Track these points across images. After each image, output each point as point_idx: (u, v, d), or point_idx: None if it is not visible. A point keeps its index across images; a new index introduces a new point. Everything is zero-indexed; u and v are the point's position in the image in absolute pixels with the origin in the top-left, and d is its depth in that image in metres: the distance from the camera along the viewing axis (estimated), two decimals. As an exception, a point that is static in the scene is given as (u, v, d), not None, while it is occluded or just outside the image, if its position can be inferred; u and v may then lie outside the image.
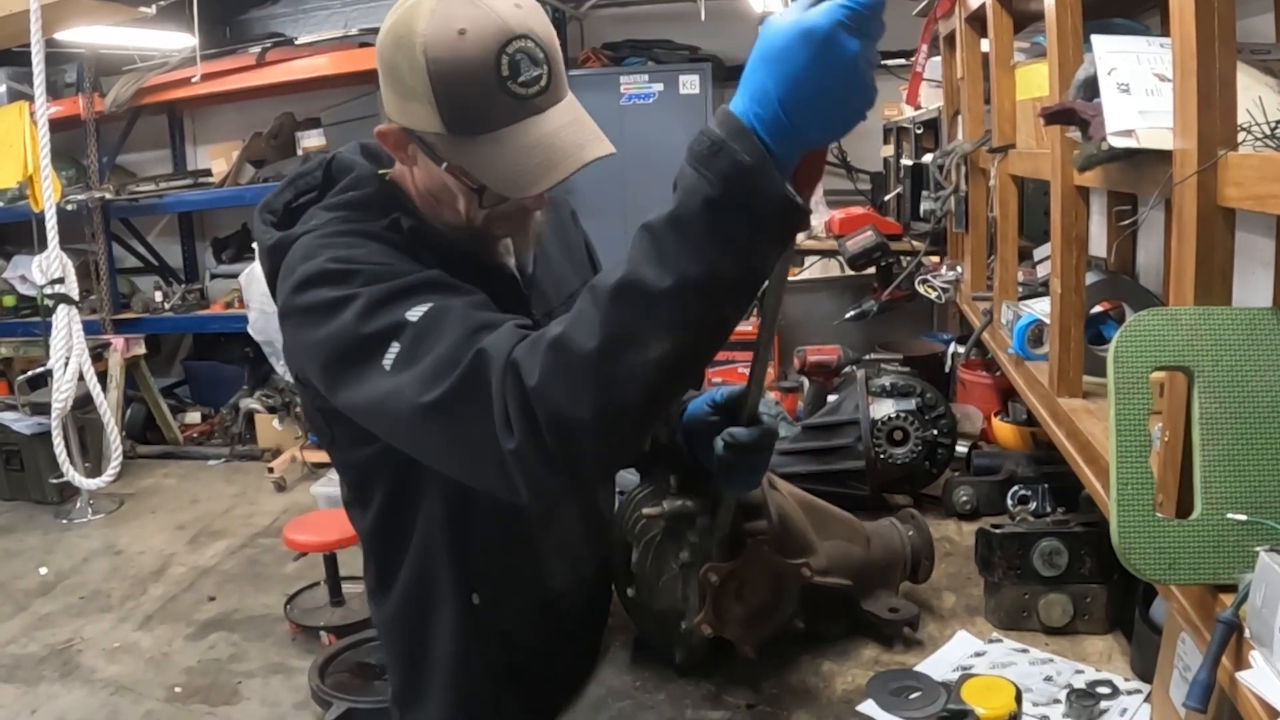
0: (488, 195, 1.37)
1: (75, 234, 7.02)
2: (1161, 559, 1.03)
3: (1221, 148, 1.02)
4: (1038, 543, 1.79)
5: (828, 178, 6.54)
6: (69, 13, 2.91)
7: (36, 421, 6.34)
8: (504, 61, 1.27)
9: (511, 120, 1.30)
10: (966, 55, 2.64)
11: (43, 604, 5.13)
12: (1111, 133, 1.25)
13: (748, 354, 3.58)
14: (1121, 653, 1.72)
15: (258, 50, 6.92)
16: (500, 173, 1.32)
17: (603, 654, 1.82)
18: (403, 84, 1.31)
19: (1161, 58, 1.28)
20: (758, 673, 1.69)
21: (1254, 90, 1.09)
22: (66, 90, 7.36)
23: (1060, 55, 1.60)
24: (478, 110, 1.29)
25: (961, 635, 1.81)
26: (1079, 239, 1.65)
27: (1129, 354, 1.05)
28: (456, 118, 1.30)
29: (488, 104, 1.29)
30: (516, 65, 1.28)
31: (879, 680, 1.65)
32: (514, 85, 1.28)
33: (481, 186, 1.36)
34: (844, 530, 1.86)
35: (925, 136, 3.58)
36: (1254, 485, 1.01)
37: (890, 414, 2.35)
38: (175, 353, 8.70)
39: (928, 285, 2.93)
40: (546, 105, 1.33)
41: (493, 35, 1.27)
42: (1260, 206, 0.97)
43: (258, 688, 4.27)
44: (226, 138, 7.87)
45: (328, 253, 1.35)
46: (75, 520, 6.25)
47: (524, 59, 1.29)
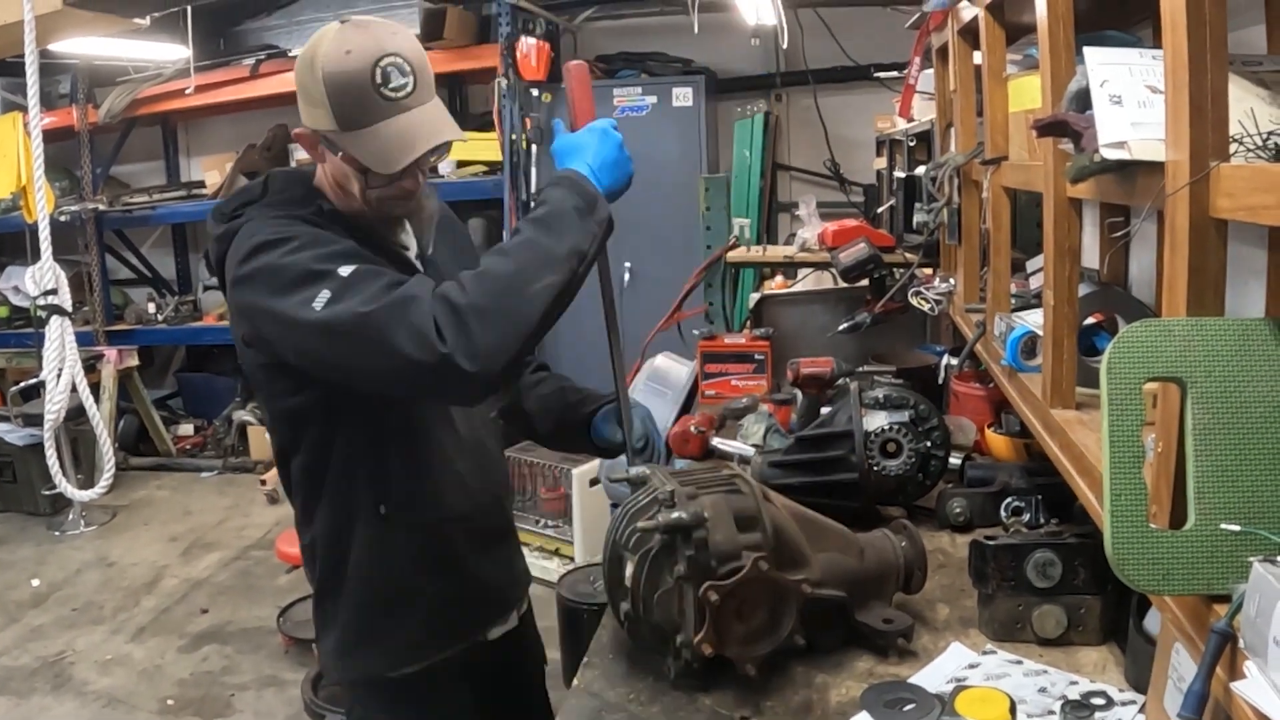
0: (371, 176, 1.77)
1: (69, 245, 7.00)
2: (1155, 570, 1.03)
3: (1214, 159, 1.02)
4: (1031, 554, 1.79)
5: (821, 190, 6.56)
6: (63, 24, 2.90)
7: (29, 433, 6.32)
8: (377, 73, 1.69)
9: (383, 117, 1.72)
10: (959, 68, 2.64)
11: (35, 616, 5.11)
12: (1104, 144, 1.25)
13: (742, 365, 3.60)
14: (1116, 663, 1.72)
15: (251, 62, 6.93)
16: (375, 155, 1.73)
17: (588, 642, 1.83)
18: (308, 94, 1.75)
19: (1154, 70, 1.29)
20: (752, 685, 1.69)
21: (1246, 102, 1.10)
22: (60, 101, 7.35)
23: (1053, 67, 1.61)
24: (359, 110, 1.71)
25: (955, 647, 1.81)
26: (1072, 250, 1.66)
27: (1122, 365, 1.05)
28: (345, 116, 1.71)
29: (366, 105, 1.70)
30: (387, 75, 1.70)
31: (873, 692, 1.65)
32: (385, 90, 1.70)
33: (365, 168, 1.75)
34: (837, 542, 1.86)
35: (918, 149, 3.57)
36: (1248, 495, 1.01)
37: (883, 426, 2.35)
38: (168, 364, 8.68)
39: (921, 297, 2.93)
40: (413, 105, 1.74)
41: (370, 53, 1.69)
42: (1252, 217, 0.97)
43: (250, 700, 4.25)
44: (220, 149, 7.85)
45: (268, 227, 1.76)
46: (68, 532, 6.24)
47: (394, 70, 1.71)
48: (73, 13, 2.78)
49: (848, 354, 3.19)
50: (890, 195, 3.77)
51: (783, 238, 5.87)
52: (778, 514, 1.76)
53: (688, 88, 6.37)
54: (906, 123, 3.73)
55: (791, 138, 6.93)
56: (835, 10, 6.32)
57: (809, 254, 3.96)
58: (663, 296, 4.59)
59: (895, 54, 5.02)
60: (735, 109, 6.61)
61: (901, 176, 3.56)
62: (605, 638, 1.91)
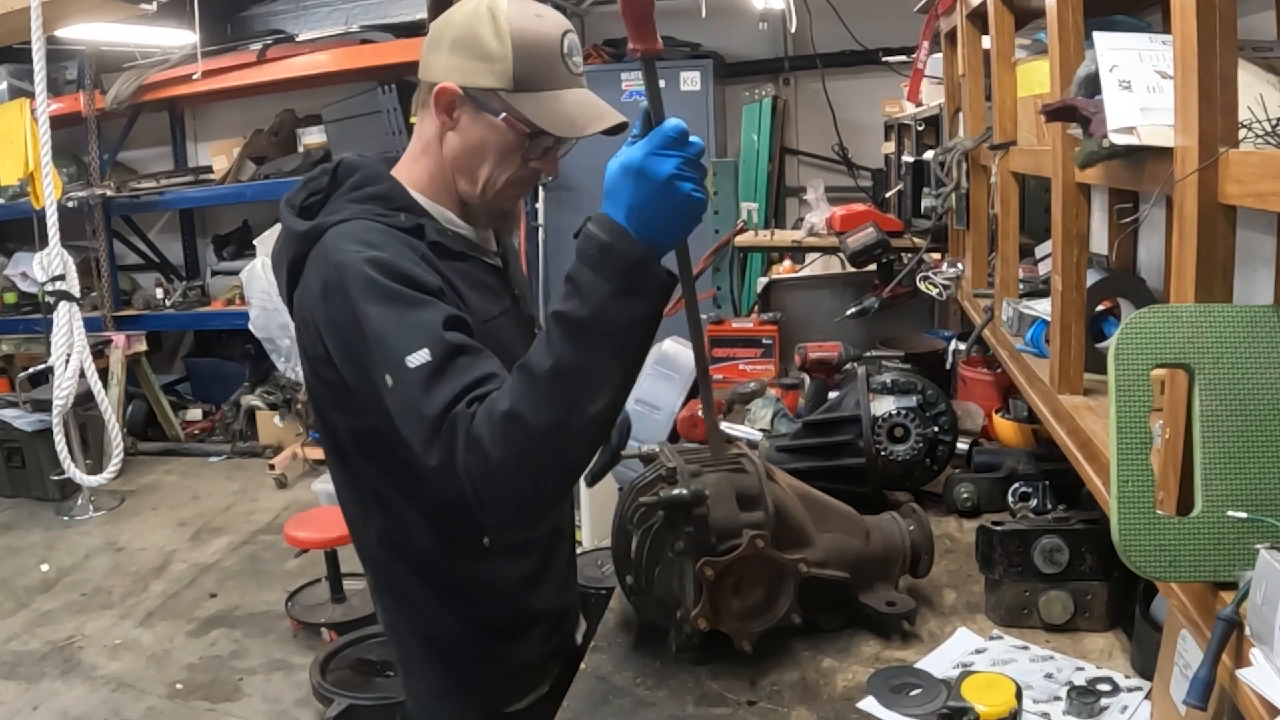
0: (534, 143, 1.64)
1: (76, 231, 7.01)
2: (1162, 556, 1.03)
3: (1223, 145, 1.02)
4: (1038, 540, 1.79)
5: (829, 175, 6.55)
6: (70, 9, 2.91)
7: (38, 418, 6.34)
8: (565, 42, 1.63)
9: (566, 85, 1.63)
10: (968, 52, 2.63)
11: (44, 601, 5.13)
12: (1113, 130, 1.25)
13: (750, 350, 3.60)
14: (1122, 650, 1.72)
15: (259, 47, 6.91)
16: (560, 117, 1.62)
17: (592, 636, 1.87)
18: (479, 48, 1.60)
19: (1163, 55, 1.28)
20: (758, 669, 1.70)
21: (1255, 88, 1.09)
22: (68, 87, 7.35)
23: (1062, 52, 1.60)
24: (546, 72, 1.61)
25: (962, 632, 1.81)
26: (1080, 236, 1.65)
27: (1130, 351, 1.05)
28: (527, 76, 1.60)
29: (552, 69, 1.62)
30: (572, 47, 1.65)
31: (879, 677, 1.66)
32: (569, 60, 1.63)
33: (537, 130, 1.62)
34: (843, 523, 1.87)
35: (926, 133, 3.57)
36: (1254, 483, 1.01)
37: (891, 411, 2.35)
38: (176, 350, 8.70)
39: (929, 282, 2.92)
40: (585, 85, 1.68)
41: (559, 23, 1.64)
42: (1261, 204, 0.97)
43: (259, 684, 4.27)
44: (227, 134, 7.85)
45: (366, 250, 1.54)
46: (76, 517, 6.26)
47: (575, 44, 1.66)
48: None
49: (855, 339, 3.20)
50: (898, 180, 3.77)
51: (790, 222, 5.87)
52: (781, 494, 1.77)
53: (695, 72, 6.35)
54: (915, 107, 3.72)
55: (799, 122, 6.91)
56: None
57: (817, 239, 3.96)
58: (670, 281, 4.57)
59: (903, 38, 4.99)
60: (743, 93, 6.59)
61: (910, 161, 3.55)
62: (613, 621, 1.92)
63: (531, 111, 1.61)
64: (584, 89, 1.67)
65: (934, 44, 3.28)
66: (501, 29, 1.59)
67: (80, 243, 7.10)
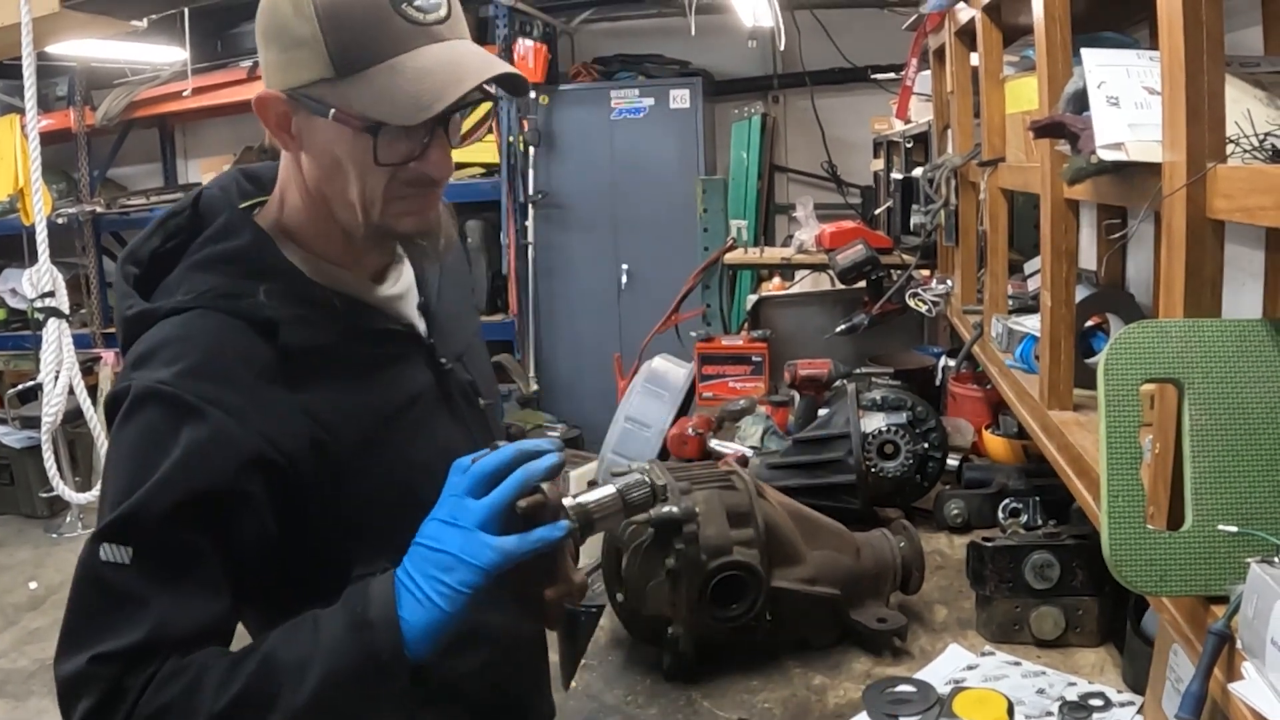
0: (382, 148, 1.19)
1: (66, 247, 6.99)
2: (1153, 571, 1.03)
3: (1210, 160, 1.02)
4: (1029, 555, 1.79)
5: (819, 192, 6.56)
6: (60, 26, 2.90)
7: (26, 435, 6.31)
8: None
9: (408, 46, 1.17)
10: (956, 69, 2.65)
11: (32, 619, 5.10)
12: (1101, 146, 1.25)
13: (740, 367, 3.60)
14: (1114, 665, 1.72)
15: (249, 64, 6.90)
16: (397, 98, 1.16)
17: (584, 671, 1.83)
18: (285, 36, 1.19)
19: (1150, 71, 1.29)
20: (749, 687, 1.69)
21: (1243, 103, 1.10)
22: (58, 103, 7.33)
23: (1049, 69, 1.61)
24: (369, 39, 1.17)
25: (953, 648, 1.81)
26: (1069, 252, 1.66)
27: (1119, 366, 1.05)
28: (346, 52, 1.17)
29: (381, 31, 1.16)
30: None
31: (874, 689, 1.65)
32: (409, 8, 1.17)
33: (377, 125, 1.18)
34: (833, 540, 1.87)
35: (915, 150, 3.58)
36: (1245, 497, 1.01)
37: (881, 427, 2.35)
38: (165, 367, 8.66)
39: (918, 299, 2.93)
40: (448, 37, 1.21)
41: None
42: (1249, 218, 0.97)
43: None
44: (218, 151, 7.84)
45: (175, 375, 1.17)
46: (65, 534, 6.22)
47: None
48: (70, 15, 2.78)
49: (845, 355, 3.20)
50: (887, 197, 3.78)
51: (780, 239, 5.87)
52: (771, 511, 1.77)
53: (685, 89, 6.37)
54: (904, 124, 3.73)
55: (789, 139, 6.92)
56: (832, 12, 6.32)
57: (806, 255, 3.97)
58: (660, 298, 4.59)
59: (892, 55, 5.01)
60: (732, 111, 6.61)
61: (899, 178, 3.56)
62: (603, 640, 1.91)
63: (364, 99, 1.17)
64: (442, 43, 1.20)
65: (922, 61, 3.29)
66: (302, 4, 1.17)
67: (70, 259, 7.08)
